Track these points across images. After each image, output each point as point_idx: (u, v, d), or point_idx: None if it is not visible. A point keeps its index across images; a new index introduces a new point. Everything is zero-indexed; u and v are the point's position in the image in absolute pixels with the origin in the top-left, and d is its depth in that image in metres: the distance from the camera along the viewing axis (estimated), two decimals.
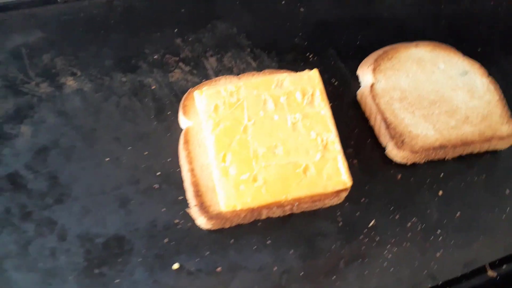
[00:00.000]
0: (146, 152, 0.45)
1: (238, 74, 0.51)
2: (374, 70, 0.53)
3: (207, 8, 0.56)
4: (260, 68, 0.53)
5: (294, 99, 0.46)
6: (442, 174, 0.50)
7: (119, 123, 0.47)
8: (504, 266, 0.47)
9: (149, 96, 0.49)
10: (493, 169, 0.51)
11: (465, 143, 0.50)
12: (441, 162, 0.50)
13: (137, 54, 0.51)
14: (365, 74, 0.53)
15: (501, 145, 0.52)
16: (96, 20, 0.52)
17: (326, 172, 0.44)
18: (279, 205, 0.43)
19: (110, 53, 0.51)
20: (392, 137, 0.49)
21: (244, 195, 0.41)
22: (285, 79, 0.47)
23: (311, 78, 0.48)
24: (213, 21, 0.55)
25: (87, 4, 0.52)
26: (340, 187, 0.44)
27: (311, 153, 0.44)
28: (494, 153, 0.52)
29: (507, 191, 0.50)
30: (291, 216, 0.45)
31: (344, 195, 0.45)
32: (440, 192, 0.49)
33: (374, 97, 0.51)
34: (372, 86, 0.52)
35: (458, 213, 0.48)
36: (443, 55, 0.56)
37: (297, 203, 0.43)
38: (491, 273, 0.46)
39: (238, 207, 0.41)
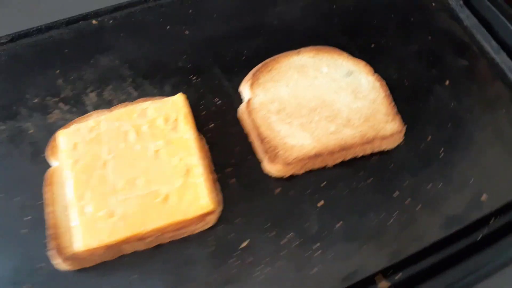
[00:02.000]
0: (18, 198, 0.46)
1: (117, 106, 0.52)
2: (252, 85, 0.52)
3: (91, 44, 0.57)
4: (141, 97, 0.53)
5: (156, 127, 0.47)
6: (325, 182, 0.48)
7: None
8: (400, 274, 0.45)
9: (26, 141, 0.50)
10: (380, 171, 0.49)
11: (344, 148, 0.48)
12: (323, 170, 0.49)
13: (18, 100, 0.52)
14: (244, 89, 0.53)
15: (387, 145, 0.50)
16: None
17: (187, 198, 0.44)
18: (139, 238, 0.43)
19: None
20: (266, 151, 0.48)
21: (100, 232, 0.42)
22: (149, 107, 0.48)
23: (175, 103, 0.48)
24: (96, 55, 0.56)
25: None
26: (201, 211, 0.43)
27: (172, 180, 0.44)
28: (382, 154, 0.50)
29: (396, 193, 0.48)
30: (160, 246, 0.45)
31: (212, 219, 0.45)
32: (321, 202, 0.47)
33: (250, 113, 0.50)
34: (248, 101, 0.51)
35: (340, 223, 0.46)
36: (327, 58, 0.54)
37: (159, 233, 0.43)
38: (383, 284, 0.45)
39: (94, 246, 0.41)
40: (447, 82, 0.55)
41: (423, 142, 0.51)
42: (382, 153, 0.50)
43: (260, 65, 0.54)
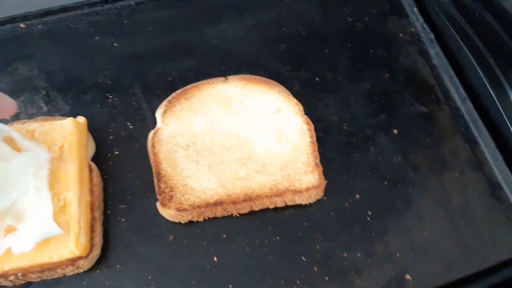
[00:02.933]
0: None
1: (22, 120, 0.47)
2: (164, 112, 0.46)
3: (13, 50, 0.52)
4: (51, 112, 0.49)
5: (39, 153, 0.42)
6: (225, 235, 0.42)
7: None
8: None
9: None
10: (292, 229, 0.42)
11: (251, 199, 0.42)
12: (228, 219, 0.43)
13: None
14: (157, 117, 0.47)
15: (301, 200, 0.43)
16: None
17: (56, 239, 0.39)
18: (2, 274, 0.39)
19: None
20: (161, 192, 0.42)
21: None
22: (36, 129, 0.43)
23: (64, 128, 0.43)
24: (16, 63, 0.52)
25: None
26: (67, 256, 0.38)
27: (43, 215, 0.39)
28: (300, 208, 0.43)
29: (303, 258, 0.41)
30: (30, 284, 0.40)
31: (84, 264, 0.39)
32: (216, 258, 0.41)
33: (154, 145, 0.45)
34: (156, 131, 0.46)
35: (230, 286, 0.40)
36: (256, 91, 0.48)
37: (22, 272, 0.39)
38: None
39: None
40: (395, 131, 0.48)
41: (350, 200, 0.44)
42: (298, 207, 0.43)
43: (179, 90, 0.48)
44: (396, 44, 0.53)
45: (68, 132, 0.43)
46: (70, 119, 0.43)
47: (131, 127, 0.48)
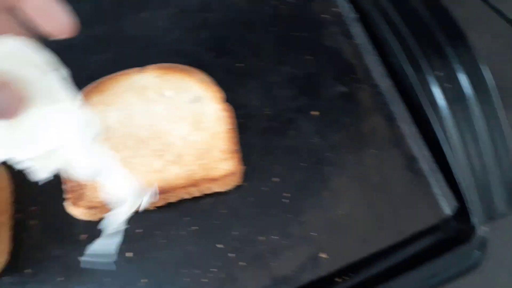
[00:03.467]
0: None
1: None
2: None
3: None
4: None
5: None
6: (141, 230, 0.42)
7: None
8: None
9: None
10: (209, 218, 0.42)
11: (166, 191, 0.41)
12: (144, 212, 0.41)
13: None
14: None
15: (219, 188, 0.43)
16: None
17: None
18: None
19: None
20: (71, 190, 0.42)
21: None
22: None
23: None
24: None
25: None
26: None
27: None
28: (218, 196, 0.43)
29: (220, 245, 0.41)
30: None
31: None
32: (130, 254, 0.41)
33: None
34: None
35: (145, 280, 0.40)
36: (174, 80, 0.47)
37: None
38: None
39: None
40: (316, 113, 0.48)
41: (268, 184, 0.44)
42: (216, 196, 0.43)
43: (95, 83, 0.47)
44: (320, 25, 0.53)
45: None
46: None
47: None
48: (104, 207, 0.41)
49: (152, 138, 0.44)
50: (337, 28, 0.53)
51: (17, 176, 0.43)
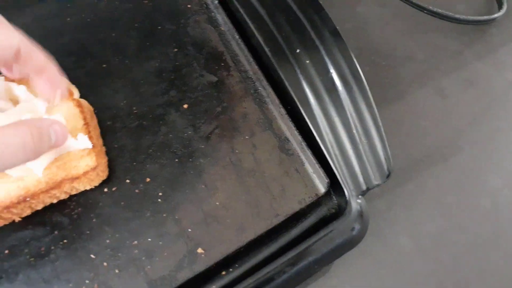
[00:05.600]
0: None
1: None
2: None
3: None
4: None
5: None
6: (7, 251, 0.39)
7: None
8: None
9: None
10: (80, 228, 0.40)
11: (27, 198, 0.39)
12: (12, 230, 0.39)
13: None
14: None
15: (83, 186, 0.41)
16: None
17: None
18: None
19: None
20: None
21: None
22: None
23: None
24: None
25: None
26: None
27: None
28: (88, 206, 0.41)
29: (92, 256, 0.40)
30: None
31: None
32: None
33: None
34: None
35: None
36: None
37: None
38: None
39: None
40: (186, 106, 0.47)
41: (140, 185, 0.42)
42: (87, 205, 0.41)
43: None
44: (184, 16, 0.52)
45: None
46: None
47: None
48: None
49: None
50: (202, 17, 0.52)
51: None
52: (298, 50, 0.47)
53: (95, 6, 0.52)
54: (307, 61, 0.47)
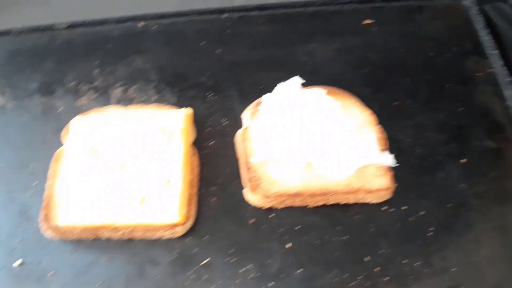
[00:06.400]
0: (33, 163, 0.53)
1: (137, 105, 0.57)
2: (252, 114, 0.54)
3: (131, 44, 0.63)
4: (159, 101, 0.57)
5: (155, 134, 0.50)
6: (299, 226, 0.48)
7: (14, 137, 0.55)
8: None
9: (54, 118, 0.56)
10: (359, 231, 0.47)
11: (326, 193, 0.48)
12: (303, 215, 0.49)
13: (58, 80, 0.60)
14: (245, 117, 0.55)
15: (372, 199, 0.48)
16: (38, 49, 0.63)
17: (161, 206, 0.46)
18: (113, 228, 0.46)
19: (38, 78, 0.60)
20: (250, 180, 0.49)
21: (79, 214, 0.46)
22: (155, 114, 0.51)
23: (177, 116, 0.51)
24: (133, 55, 0.62)
25: (33, 36, 0.63)
26: (170, 221, 0.46)
27: (153, 186, 0.47)
28: (367, 215, 0.48)
29: (367, 258, 0.46)
30: (131, 240, 0.48)
31: (180, 230, 0.47)
32: (289, 245, 0.47)
33: (244, 140, 0.52)
34: (245, 129, 0.53)
35: (301, 270, 0.46)
36: (334, 100, 0.53)
37: (129, 229, 0.46)
38: None
39: (72, 224, 0.46)
40: (464, 161, 0.51)
41: (415, 215, 0.48)
42: (366, 214, 0.48)
43: (266, 95, 0.55)
44: (473, 81, 0.58)
45: (181, 120, 0.51)
46: (183, 109, 0.52)
47: (225, 123, 0.56)
48: (277, 198, 0.48)
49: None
50: (490, 88, 0.57)
51: (203, 159, 0.52)
52: None
53: (394, 50, 0.60)
54: None
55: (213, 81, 0.59)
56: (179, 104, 0.56)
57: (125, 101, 0.58)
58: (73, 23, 0.63)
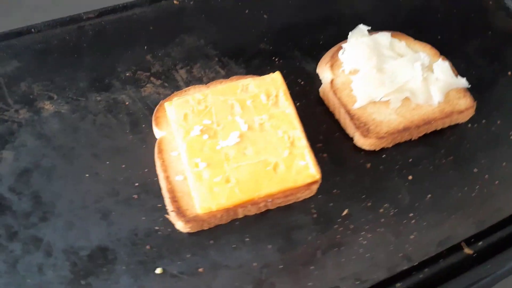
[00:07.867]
0: (124, 165, 0.48)
1: (207, 83, 0.53)
2: (331, 66, 0.55)
3: (174, 23, 0.59)
4: (228, 75, 0.55)
5: (259, 102, 0.49)
6: (411, 159, 0.52)
7: (96, 140, 0.49)
8: (481, 243, 0.49)
9: (123, 112, 0.51)
10: (458, 150, 0.53)
11: (427, 122, 0.52)
12: (409, 148, 0.52)
13: (110, 73, 0.54)
14: (324, 71, 0.56)
15: (462, 119, 0.54)
16: (69, 45, 0.55)
17: (295, 167, 0.46)
18: (253, 202, 0.45)
19: (84, 75, 0.53)
20: (358, 127, 0.51)
21: (218, 196, 0.44)
22: (250, 83, 0.50)
23: (274, 80, 0.50)
24: (181, 35, 0.58)
25: (59, 31, 0.55)
26: (309, 180, 0.46)
27: (279, 151, 0.46)
28: (459, 134, 0.54)
29: (475, 170, 0.52)
30: (267, 212, 0.47)
31: (315, 187, 0.47)
32: (410, 177, 0.50)
33: (335, 92, 0.53)
34: (331, 82, 0.54)
35: (429, 195, 0.49)
36: (398, 41, 0.57)
37: (270, 199, 0.45)
38: (467, 251, 0.48)
39: (213, 208, 0.43)
40: (510, 73, 0.60)
41: (494, 125, 0.55)
42: (458, 133, 0.54)
43: (335, 47, 0.57)
44: (488, 11, 0.66)
45: (280, 83, 0.50)
46: (278, 72, 0.50)
47: (302, 83, 0.56)
48: (389, 137, 0.50)
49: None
50: (503, 12, 0.66)
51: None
52: None
53: None
54: None
55: (272, 46, 0.58)
56: (251, 74, 0.55)
57: (195, 81, 0.54)
58: (101, 10, 0.57)
